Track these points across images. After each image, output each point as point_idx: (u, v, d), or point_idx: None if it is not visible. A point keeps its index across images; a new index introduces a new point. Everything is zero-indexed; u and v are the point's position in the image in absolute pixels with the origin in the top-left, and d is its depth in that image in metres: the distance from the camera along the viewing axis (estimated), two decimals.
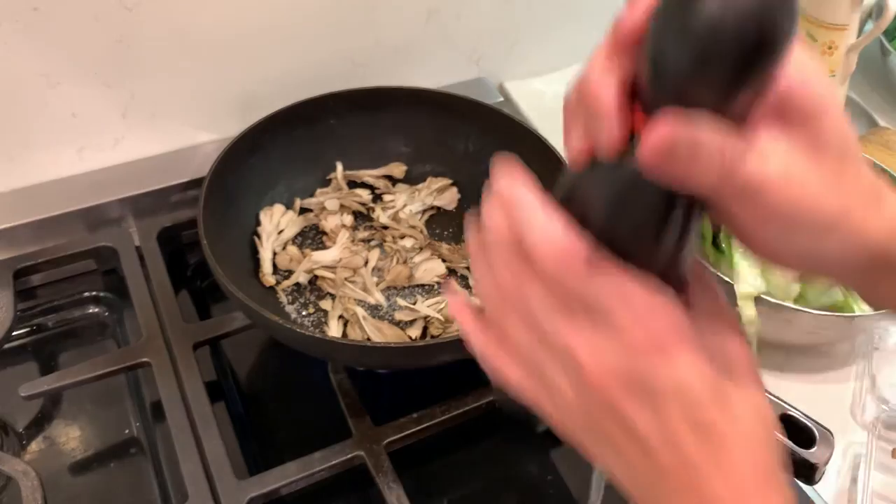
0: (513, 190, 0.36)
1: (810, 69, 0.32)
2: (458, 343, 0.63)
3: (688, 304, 0.35)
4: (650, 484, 0.35)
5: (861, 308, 0.74)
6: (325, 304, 0.75)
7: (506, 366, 0.37)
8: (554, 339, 0.34)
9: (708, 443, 0.34)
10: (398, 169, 0.88)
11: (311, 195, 0.85)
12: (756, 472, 0.34)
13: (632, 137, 0.32)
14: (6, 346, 0.72)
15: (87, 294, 0.81)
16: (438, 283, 0.79)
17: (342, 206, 0.84)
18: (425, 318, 0.75)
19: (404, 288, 0.78)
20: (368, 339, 0.72)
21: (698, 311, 0.35)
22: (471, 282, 0.79)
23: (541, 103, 0.99)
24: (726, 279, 0.71)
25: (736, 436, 0.34)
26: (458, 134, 0.85)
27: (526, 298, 0.34)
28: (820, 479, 0.58)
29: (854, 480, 0.69)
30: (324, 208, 0.83)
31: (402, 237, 0.82)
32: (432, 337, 0.74)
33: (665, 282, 0.33)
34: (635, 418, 0.34)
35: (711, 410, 0.34)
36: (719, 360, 0.34)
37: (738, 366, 0.35)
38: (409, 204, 0.85)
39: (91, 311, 0.80)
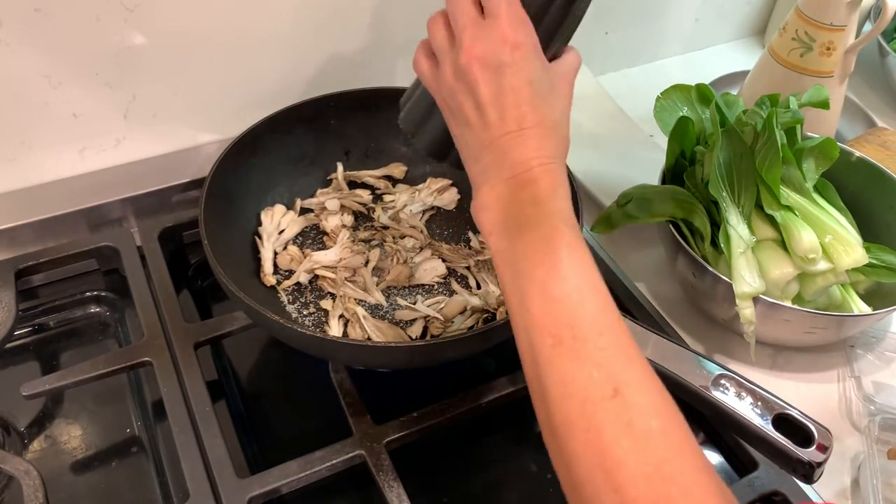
0: None
1: None
2: (459, 343, 0.64)
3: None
4: (480, 146, 0.52)
5: (858, 308, 0.74)
6: (326, 303, 0.76)
7: (423, 60, 0.56)
8: (458, 34, 0.52)
9: (525, 122, 0.50)
10: (398, 169, 0.88)
11: (312, 195, 0.85)
12: (554, 153, 0.51)
13: None
14: (8, 345, 0.72)
15: (88, 294, 0.81)
16: (438, 283, 0.79)
17: (343, 207, 0.84)
18: (425, 317, 0.75)
19: (404, 288, 0.79)
20: (369, 339, 0.72)
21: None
22: (471, 282, 0.79)
23: None
24: (725, 279, 0.71)
25: (542, 127, 0.51)
26: None
27: (454, 12, 0.52)
28: (819, 478, 0.58)
29: (855, 482, 0.69)
30: (324, 208, 0.83)
31: (403, 237, 0.83)
32: (432, 337, 0.74)
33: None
34: (482, 87, 0.51)
35: (533, 102, 0.51)
36: (550, 73, 0.53)
37: (560, 83, 0.53)
38: (409, 204, 0.85)
39: (92, 310, 0.81)
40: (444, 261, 0.80)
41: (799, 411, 0.60)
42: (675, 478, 0.40)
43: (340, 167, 0.86)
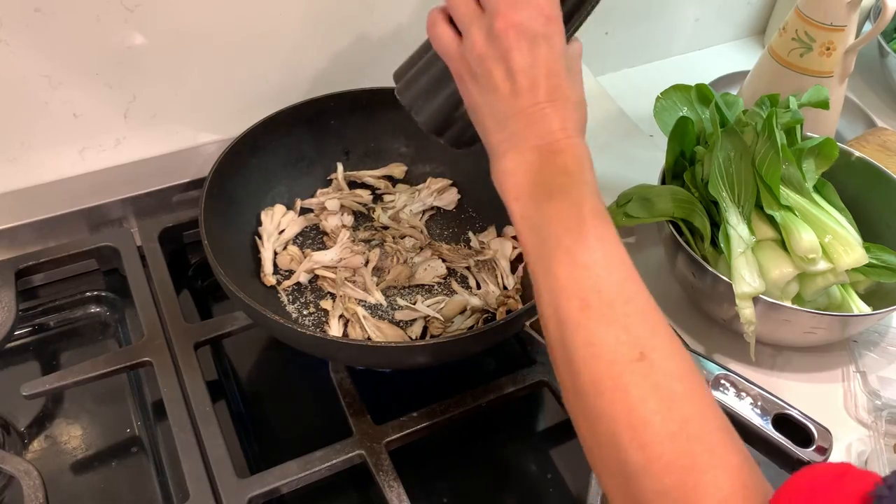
0: None
1: None
2: (459, 343, 0.64)
3: None
4: (507, 113, 0.52)
5: (858, 308, 0.74)
6: (326, 303, 0.76)
7: (443, 26, 0.55)
8: (492, 1, 0.51)
9: (555, 94, 0.51)
10: (398, 169, 0.88)
11: (312, 195, 0.85)
12: (578, 129, 0.52)
13: None
14: (8, 345, 0.72)
15: (88, 294, 0.81)
16: (438, 283, 0.79)
17: (343, 207, 0.84)
18: (425, 317, 0.75)
19: (404, 288, 0.79)
20: (369, 339, 0.72)
21: None
22: (471, 282, 0.79)
23: None
24: (725, 279, 0.71)
25: (569, 102, 0.52)
26: None
27: None
28: None
29: None
30: (324, 208, 0.83)
31: (403, 237, 0.83)
32: (432, 336, 0.74)
33: None
34: (516, 55, 0.51)
35: (563, 76, 0.52)
36: (569, 51, 0.53)
37: (575, 66, 0.54)
38: (409, 204, 0.85)
39: (92, 310, 0.81)
40: (444, 261, 0.80)
41: (799, 411, 0.61)
42: (700, 437, 0.42)
43: (340, 167, 0.86)
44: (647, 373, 0.43)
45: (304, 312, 0.76)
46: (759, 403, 0.60)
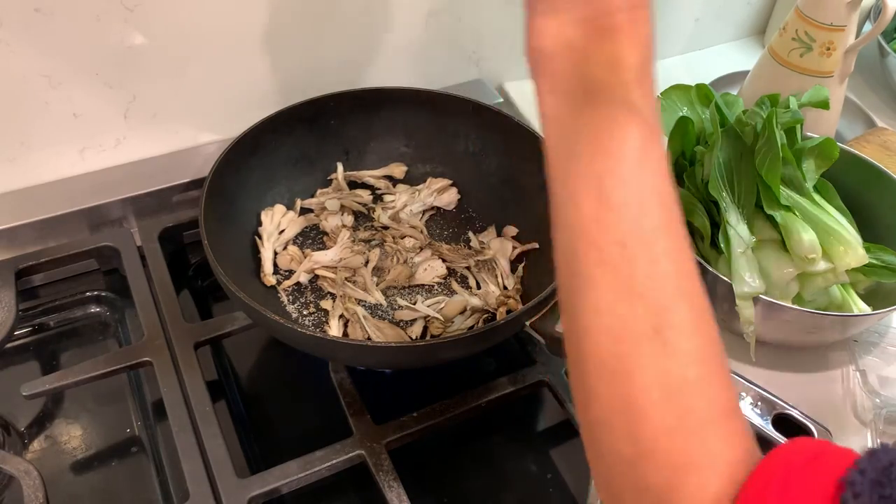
0: None
1: None
2: (459, 343, 0.64)
3: None
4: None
5: (859, 308, 0.74)
6: (326, 303, 0.76)
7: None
8: None
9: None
10: (398, 169, 0.88)
11: (312, 195, 0.85)
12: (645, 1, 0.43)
13: None
14: (8, 345, 0.72)
15: (88, 294, 0.81)
16: (438, 283, 0.79)
17: (343, 207, 0.84)
18: (425, 317, 0.75)
19: (404, 288, 0.79)
20: (369, 339, 0.72)
21: None
22: (471, 282, 0.79)
23: None
24: (725, 279, 0.71)
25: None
26: (458, 134, 0.86)
27: None
28: None
29: None
30: (324, 208, 0.83)
31: (403, 237, 0.83)
32: (432, 336, 0.74)
33: None
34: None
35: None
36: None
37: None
38: (409, 204, 0.85)
39: (93, 310, 0.81)
40: (444, 261, 0.80)
41: (799, 411, 0.61)
42: (699, 431, 0.37)
43: (340, 167, 0.86)
44: (658, 354, 0.37)
45: (304, 312, 0.76)
46: (759, 403, 0.61)
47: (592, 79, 0.40)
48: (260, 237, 0.79)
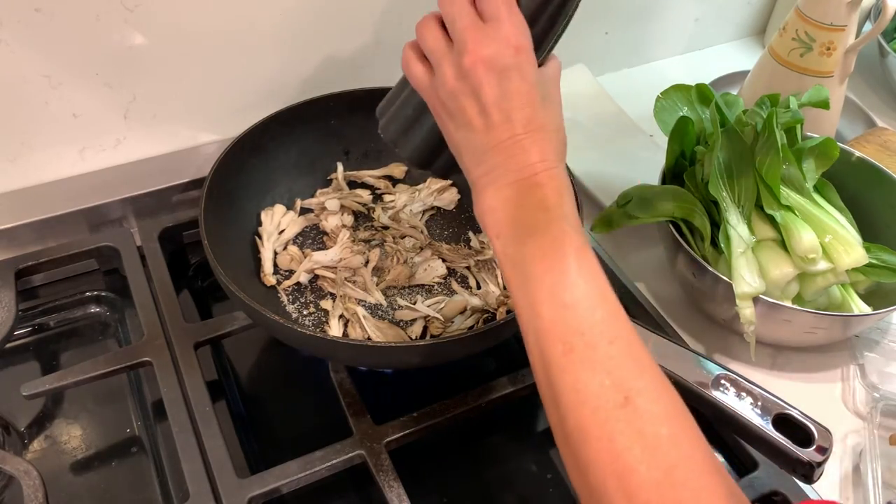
0: None
1: None
2: (459, 343, 0.64)
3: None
4: (483, 148, 0.52)
5: (859, 308, 0.74)
6: (326, 303, 0.76)
7: (415, 63, 0.55)
8: (460, 36, 0.51)
9: (531, 125, 0.51)
10: (398, 169, 0.88)
11: (312, 195, 0.85)
12: (557, 158, 0.52)
13: None
14: (8, 345, 0.72)
15: (88, 294, 0.81)
16: (438, 283, 0.79)
17: (343, 207, 0.84)
18: (425, 317, 0.75)
19: (404, 288, 0.79)
20: (369, 339, 0.72)
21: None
22: (471, 282, 0.79)
23: None
24: (725, 279, 0.71)
25: (546, 131, 0.51)
26: None
27: (452, 14, 0.52)
28: (819, 478, 0.58)
29: (856, 468, 0.69)
30: (324, 208, 0.83)
31: (403, 237, 0.83)
32: (432, 336, 0.74)
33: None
34: (486, 89, 0.51)
35: (537, 105, 0.51)
36: (544, 78, 0.53)
37: (552, 88, 0.54)
38: (409, 204, 0.85)
39: (92, 310, 0.81)
40: (444, 261, 0.80)
41: (799, 411, 0.60)
42: (685, 483, 0.42)
43: (340, 167, 0.86)
44: (632, 419, 0.43)
45: (304, 312, 0.76)
46: (759, 403, 0.60)
47: (529, 218, 0.50)
48: (260, 237, 0.79)
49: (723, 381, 0.62)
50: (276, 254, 0.79)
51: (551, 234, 0.49)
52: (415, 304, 0.76)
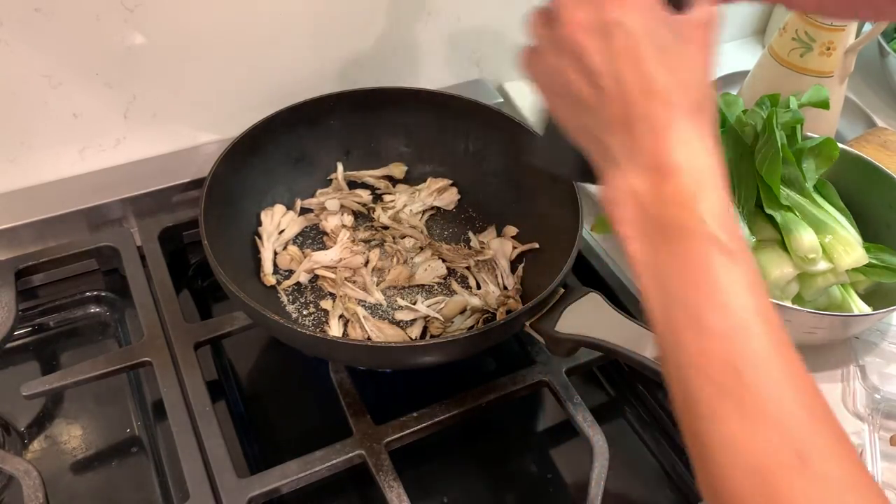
0: None
1: None
2: (459, 343, 0.64)
3: None
4: (601, 126, 0.42)
5: (859, 308, 0.74)
6: (326, 303, 0.76)
7: (526, 54, 0.46)
8: (555, 9, 0.43)
9: (651, 88, 0.40)
10: (398, 169, 0.88)
11: (312, 195, 0.85)
12: (694, 131, 0.40)
13: None
14: (8, 345, 0.72)
15: (88, 294, 0.81)
16: (438, 283, 0.79)
17: (343, 207, 0.84)
18: (425, 317, 0.75)
19: (404, 288, 0.79)
20: (369, 339, 0.72)
21: None
22: (471, 282, 0.79)
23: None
24: None
25: (674, 89, 0.41)
26: (458, 134, 0.86)
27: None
28: None
29: None
30: (324, 208, 0.83)
31: (403, 237, 0.83)
32: (432, 336, 0.74)
33: None
34: (591, 55, 0.42)
35: (653, 60, 0.41)
36: (674, 23, 0.42)
37: (689, 31, 0.42)
38: (409, 204, 0.85)
39: (92, 310, 0.81)
40: (444, 261, 0.80)
41: None
42: None
43: (340, 167, 0.86)
44: (810, 485, 0.34)
45: (304, 312, 0.76)
46: None
47: (664, 217, 0.40)
48: (260, 237, 0.79)
49: None
50: (275, 254, 0.79)
51: (692, 240, 0.39)
52: (415, 304, 0.76)
